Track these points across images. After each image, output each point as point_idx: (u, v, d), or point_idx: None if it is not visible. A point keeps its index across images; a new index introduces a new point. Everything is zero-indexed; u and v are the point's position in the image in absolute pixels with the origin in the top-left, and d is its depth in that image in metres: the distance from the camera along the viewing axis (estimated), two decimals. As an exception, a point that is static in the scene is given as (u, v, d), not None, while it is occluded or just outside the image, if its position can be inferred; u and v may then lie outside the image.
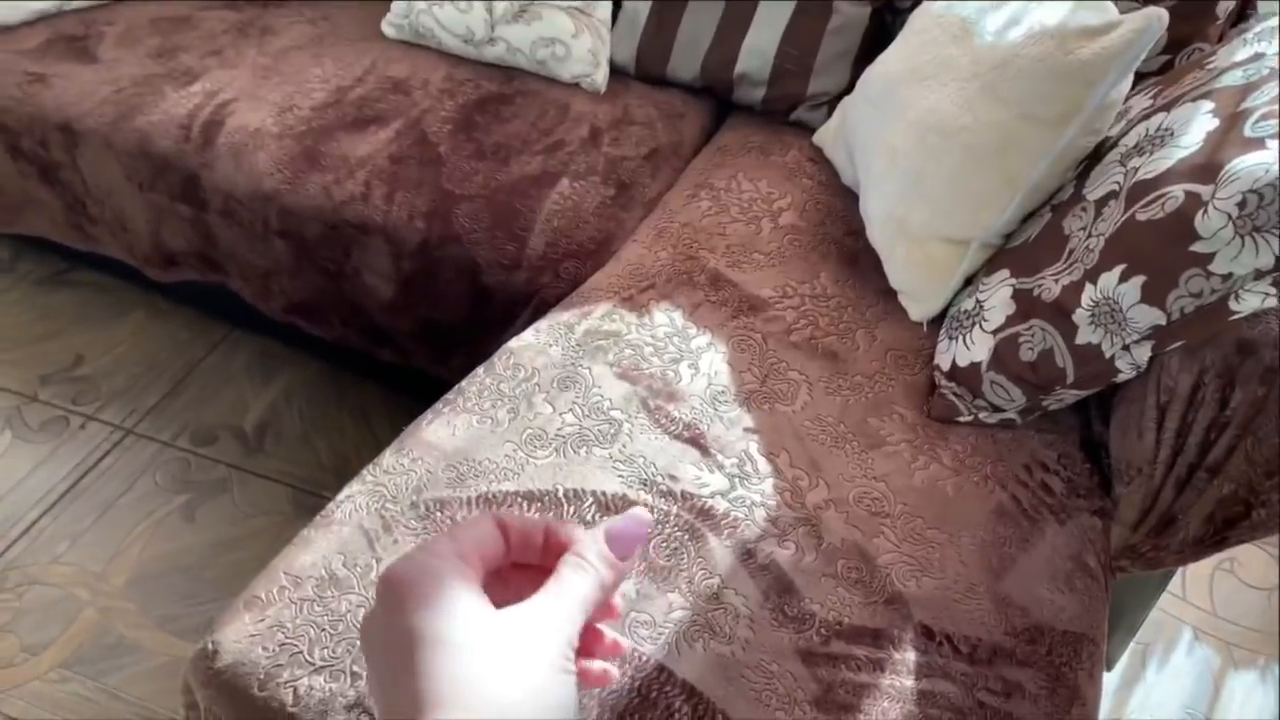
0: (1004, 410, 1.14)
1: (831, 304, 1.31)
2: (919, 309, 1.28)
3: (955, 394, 1.16)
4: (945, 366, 1.18)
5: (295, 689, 0.88)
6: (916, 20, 1.36)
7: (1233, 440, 1.02)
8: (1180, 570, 1.61)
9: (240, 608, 0.94)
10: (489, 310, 1.42)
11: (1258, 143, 0.95)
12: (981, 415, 1.15)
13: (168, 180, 1.56)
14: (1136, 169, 1.06)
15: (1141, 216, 1.00)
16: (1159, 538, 1.11)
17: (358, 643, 0.90)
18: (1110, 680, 1.46)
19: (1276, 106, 0.98)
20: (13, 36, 1.73)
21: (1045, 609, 0.98)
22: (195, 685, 0.94)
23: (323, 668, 0.89)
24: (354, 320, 1.56)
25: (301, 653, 0.90)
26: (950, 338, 1.21)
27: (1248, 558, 1.62)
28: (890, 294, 1.32)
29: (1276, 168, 0.90)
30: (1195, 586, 1.58)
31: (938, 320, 1.28)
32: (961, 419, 1.15)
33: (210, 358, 1.83)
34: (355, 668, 0.89)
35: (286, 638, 0.92)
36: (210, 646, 0.92)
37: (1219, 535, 1.10)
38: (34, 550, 1.50)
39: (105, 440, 1.67)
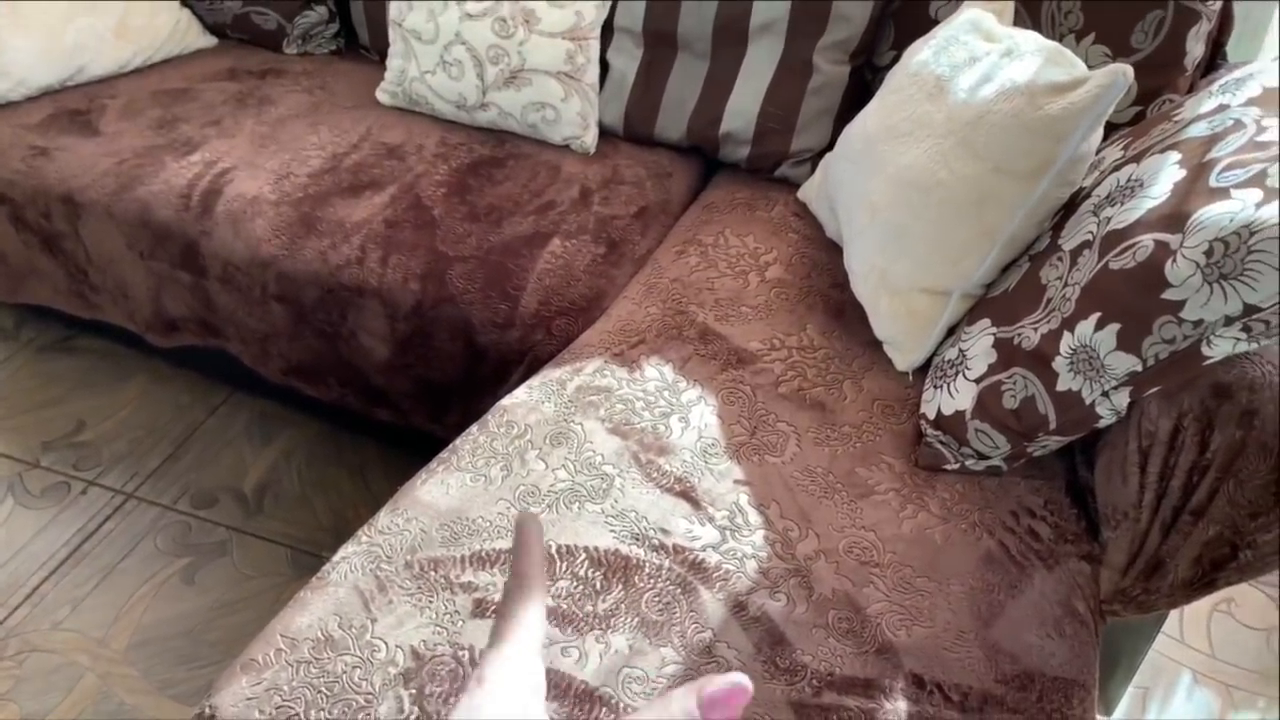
0: (989, 458, 1.16)
1: (819, 355, 1.33)
2: (904, 359, 1.30)
3: (941, 442, 1.18)
4: (931, 415, 1.20)
5: (292, 751, 0.89)
6: (893, 79, 1.40)
7: (1214, 483, 1.04)
8: (1178, 612, 1.61)
9: (237, 670, 0.95)
10: (483, 369, 1.45)
11: (1222, 192, 0.98)
12: (968, 463, 1.17)
13: (168, 248, 1.59)
14: (1109, 219, 1.09)
15: (1114, 265, 1.03)
16: (1148, 581, 1.12)
17: (354, 703, 0.91)
18: (1112, 725, 1.46)
19: (1239, 157, 1.01)
20: (17, 111, 1.78)
21: (1035, 655, 0.99)
22: (193, 749, 0.94)
23: (317, 729, 0.90)
24: (351, 381, 1.58)
25: (298, 714, 0.91)
26: (935, 387, 1.23)
27: (1245, 599, 1.62)
28: (876, 345, 1.35)
29: (1240, 217, 0.93)
30: (1193, 628, 1.58)
31: (923, 370, 1.30)
32: (948, 467, 1.17)
33: (210, 420, 1.85)
34: (352, 726, 0.90)
35: (283, 700, 0.93)
36: (207, 711, 0.93)
37: (1208, 577, 1.10)
38: (35, 617, 1.51)
39: (106, 505, 1.68)
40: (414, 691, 0.92)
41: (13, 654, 1.46)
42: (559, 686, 0.93)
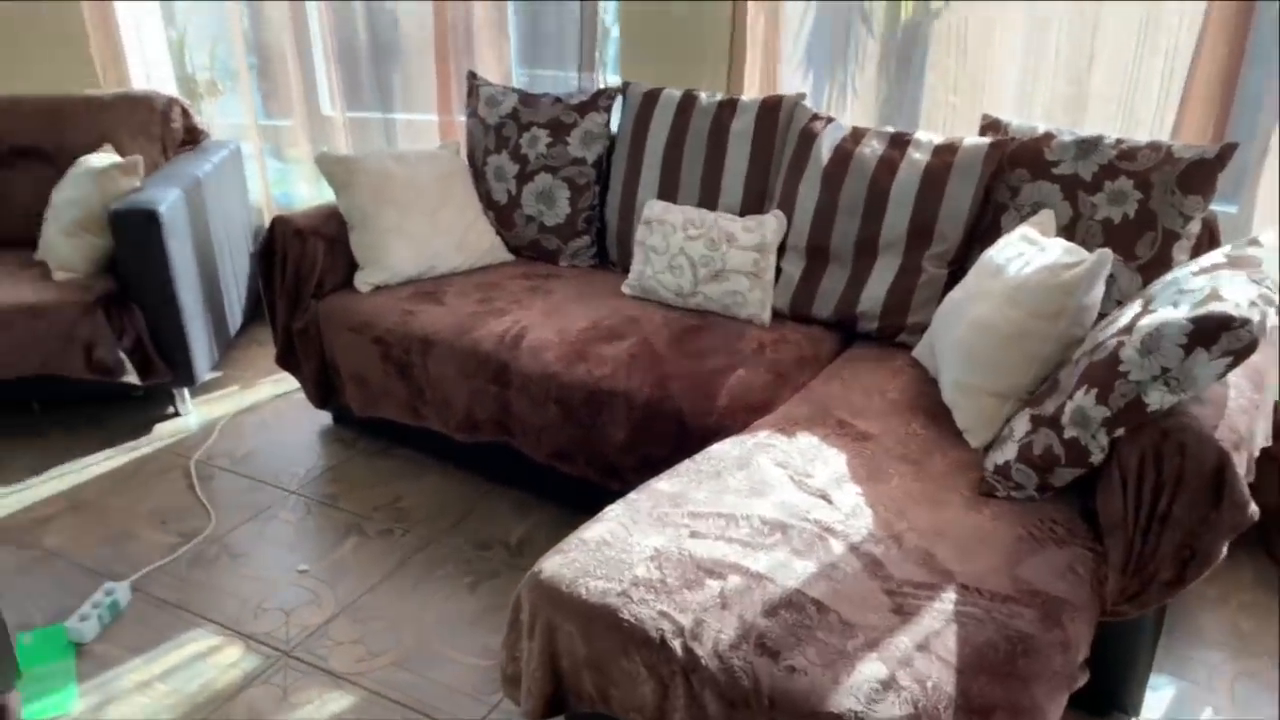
0: (1025, 488, 1.76)
1: (919, 438, 1.98)
2: (975, 440, 1.94)
3: (995, 480, 1.79)
4: (990, 467, 1.82)
5: (587, 586, 1.55)
6: (973, 269, 2.14)
7: (1170, 496, 1.61)
8: (1206, 668, 2.03)
9: (553, 554, 1.64)
10: (689, 445, 2.16)
11: (1154, 312, 1.64)
12: (1012, 493, 1.77)
13: (485, 370, 2.43)
14: (1096, 339, 1.75)
15: (1096, 359, 1.68)
16: (1140, 577, 1.66)
17: (621, 566, 1.57)
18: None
19: (1170, 296, 1.67)
20: (392, 291, 2.74)
21: (1044, 584, 1.55)
22: (525, 593, 1.61)
23: (600, 577, 1.56)
24: (594, 460, 2.32)
25: (590, 571, 1.58)
26: (993, 451, 1.85)
27: (1266, 673, 2.03)
28: (959, 433, 1.99)
29: (1158, 319, 1.58)
30: (1220, 683, 2.00)
31: (988, 448, 1.93)
32: (998, 494, 1.78)
33: (482, 502, 2.61)
34: (622, 576, 1.55)
35: (580, 565, 1.60)
36: (539, 569, 1.61)
37: (1179, 575, 1.64)
38: (375, 601, 2.23)
39: (416, 544, 2.43)
40: (657, 565, 1.58)
41: (362, 618, 2.17)
42: (741, 570, 1.56)
